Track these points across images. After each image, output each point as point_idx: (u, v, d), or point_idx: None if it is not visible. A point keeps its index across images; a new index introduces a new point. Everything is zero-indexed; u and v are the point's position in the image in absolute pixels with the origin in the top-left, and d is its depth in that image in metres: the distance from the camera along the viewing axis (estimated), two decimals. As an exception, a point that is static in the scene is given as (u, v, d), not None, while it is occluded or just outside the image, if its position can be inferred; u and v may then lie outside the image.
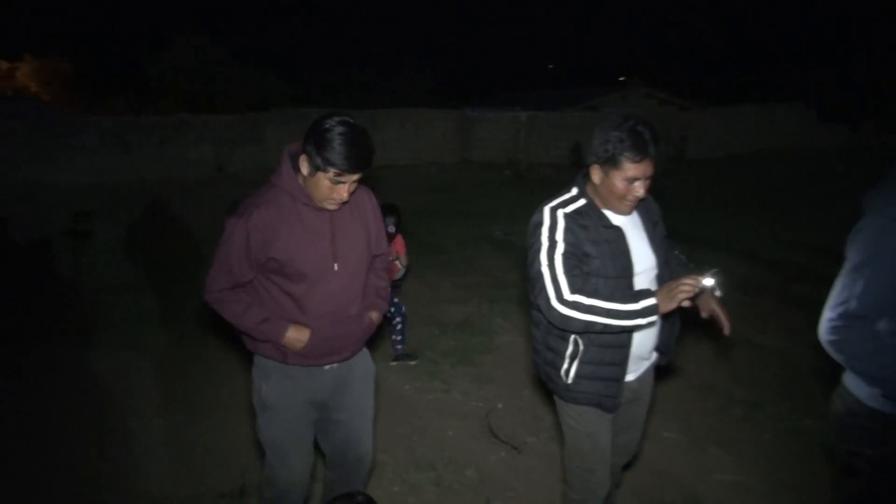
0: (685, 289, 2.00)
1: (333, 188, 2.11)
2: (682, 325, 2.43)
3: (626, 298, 2.09)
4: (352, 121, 2.07)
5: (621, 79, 26.11)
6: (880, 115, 17.10)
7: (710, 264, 2.25)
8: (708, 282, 2.06)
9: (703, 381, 4.33)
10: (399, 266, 4.35)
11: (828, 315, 1.79)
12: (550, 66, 47.90)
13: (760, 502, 3.14)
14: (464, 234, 8.78)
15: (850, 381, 1.87)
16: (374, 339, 2.86)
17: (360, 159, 2.06)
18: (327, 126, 2.04)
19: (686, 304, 2.06)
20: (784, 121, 16.20)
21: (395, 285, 4.47)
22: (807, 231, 8.40)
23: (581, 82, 30.51)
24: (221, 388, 4.30)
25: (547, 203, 2.24)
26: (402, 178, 13.13)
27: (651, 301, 2.06)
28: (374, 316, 2.44)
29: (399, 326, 4.60)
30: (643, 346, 2.30)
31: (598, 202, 2.24)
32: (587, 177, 2.24)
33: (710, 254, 6.98)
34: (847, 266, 1.77)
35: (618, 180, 2.13)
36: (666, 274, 2.32)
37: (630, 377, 2.34)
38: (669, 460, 3.47)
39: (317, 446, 2.52)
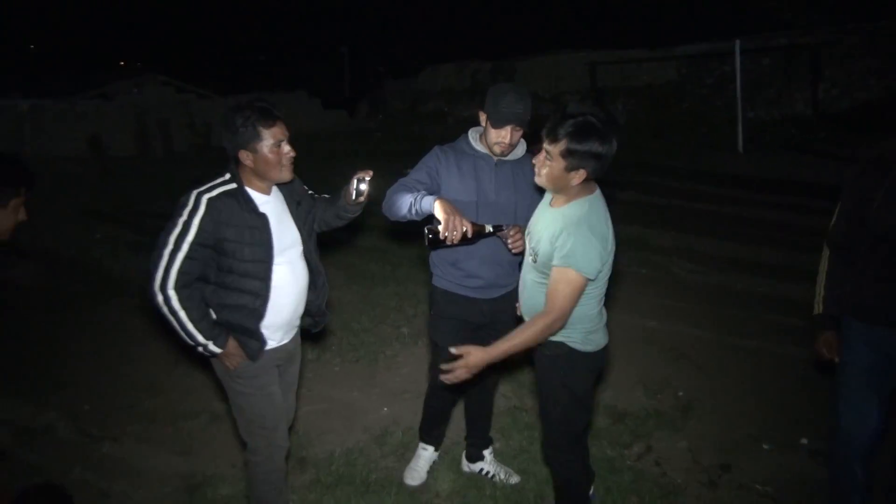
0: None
1: None
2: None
3: (206, 330, 2.35)
4: None
5: (134, 64, 24.82)
6: (368, 100, 20.47)
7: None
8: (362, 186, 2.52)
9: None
10: None
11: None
12: (32, 46, 41.12)
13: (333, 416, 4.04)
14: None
15: None
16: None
17: None
18: None
19: None
20: (294, 108, 18.04)
21: None
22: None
23: (85, 67, 27.77)
24: None
25: (197, 187, 2.34)
26: None
27: (215, 350, 2.39)
28: None
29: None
30: (296, 312, 2.59)
31: (252, 186, 2.41)
32: (238, 163, 2.39)
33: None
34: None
35: (266, 150, 2.32)
36: (313, 252, 2.64)
37: (285, 340, 2.62)
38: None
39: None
